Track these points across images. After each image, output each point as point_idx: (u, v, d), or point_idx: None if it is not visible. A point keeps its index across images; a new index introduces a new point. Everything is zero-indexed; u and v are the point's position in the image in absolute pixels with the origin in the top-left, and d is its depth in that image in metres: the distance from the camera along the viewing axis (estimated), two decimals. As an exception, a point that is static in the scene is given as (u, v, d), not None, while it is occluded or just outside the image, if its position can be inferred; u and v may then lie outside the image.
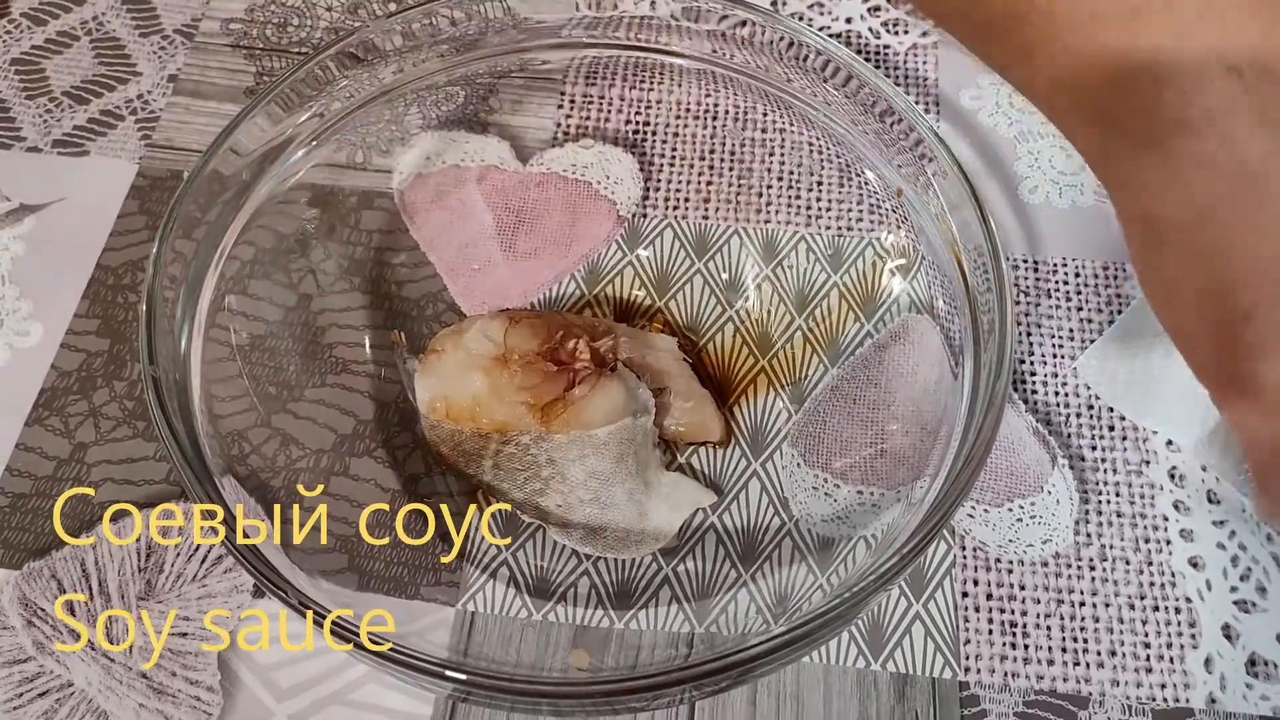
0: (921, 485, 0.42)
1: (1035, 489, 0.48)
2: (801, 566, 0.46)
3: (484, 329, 0.46)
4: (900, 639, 0.45)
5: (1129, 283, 0.54)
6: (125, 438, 0.50)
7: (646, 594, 0.46)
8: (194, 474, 0.38)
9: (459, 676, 0.34)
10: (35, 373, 0.51)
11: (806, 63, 0.48)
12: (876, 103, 0.46)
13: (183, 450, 0.39)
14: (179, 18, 0.63)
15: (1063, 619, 0.46)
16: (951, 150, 0.43)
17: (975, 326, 0.41)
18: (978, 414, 0.39)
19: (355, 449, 0.49)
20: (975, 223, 0.42)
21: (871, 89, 0.46)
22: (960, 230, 0.43)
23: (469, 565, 0.46)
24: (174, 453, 0.38)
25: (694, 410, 0.48)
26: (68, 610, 0.45)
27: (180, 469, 0.38)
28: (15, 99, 0.60)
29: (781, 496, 0.48)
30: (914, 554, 0.36)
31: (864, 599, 0.36)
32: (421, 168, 0.56)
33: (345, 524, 0.47)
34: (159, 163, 0.58)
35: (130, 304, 0.53)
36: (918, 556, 0.36)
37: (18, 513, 0.48)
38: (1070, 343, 0.53)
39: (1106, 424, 0.50)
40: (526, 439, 0.44)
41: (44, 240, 0.55)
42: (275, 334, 0.51)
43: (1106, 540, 0.48)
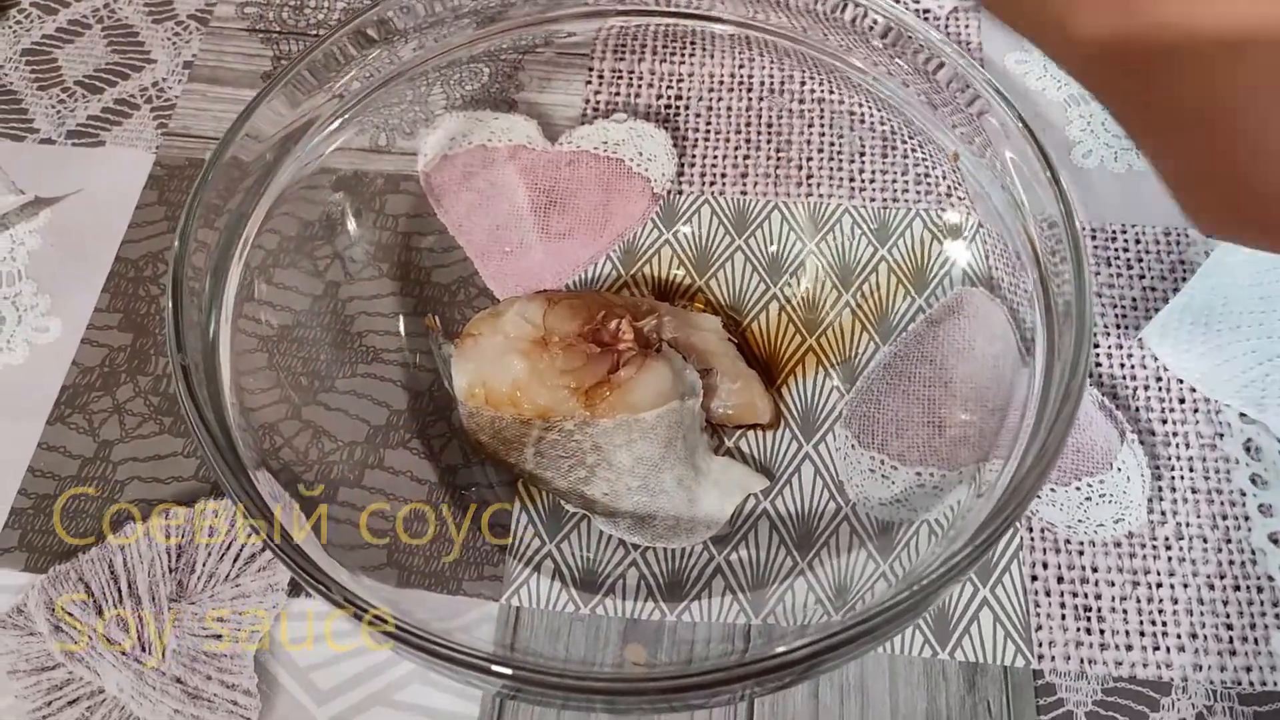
0: (991, 468, 0.40)
1: (1104, 466, 0.46)
2: (861, 553, 0.44)
3: (522, 311, 0.44)
4: (968, 626, 0.43)
5: (1192, 249, 0.52)
6: (152, 434, 0.48)
7: (699, 584, 0.44)
8: (229, 467, 0.36)
9: (506, 672, 0.32)
10: (56, 370, 0.49)
11: (849, 21, 0.46)
12: (929, 60, 0.44)
13: (216, 443, 0.37)
14: (193, 3, 0.61)
15: (1139, 601, 0.44)
16: (1015, 107, 0.41)
17: (1047, 298, 0.39)
18: (1054, 395, 0.36)
19: (390, 440, 0.47)
20: (1045, 187, 0.39)
21: (922, 44, 0.44)
22: (1028, 196, 0.40)
23: (512, 559, 0.44)
24: (207, 445, 0.36)
25: (741, 391, 0.46)
26: (95, 613, 0.44)
27: (214, 462, 0.36)
28: (27, 90, 0.58)
29: (836, 480, 0.46)
30: (988, 544, 0.34)
31: (935, 591, 0.33)
32: (447, 149, 0.54)
33: (382, 518, 0.45)
34: (176, 151, 0.56)
35: (152, 296, 0.51)
36: (992, 546, 0.34)
37: (42, 514, 0.46)
38: (1134, 312, 0.50)
39: (1176, 396, 0.48)
40: (570, 424, 0.42)
41: (61, 233, 0.53)
42: (304, 323, 0.49)
43: (1182, 518, 0.45)
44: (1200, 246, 0.51)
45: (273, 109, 0.44)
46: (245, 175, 0.44)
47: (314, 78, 0.46)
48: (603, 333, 0.43)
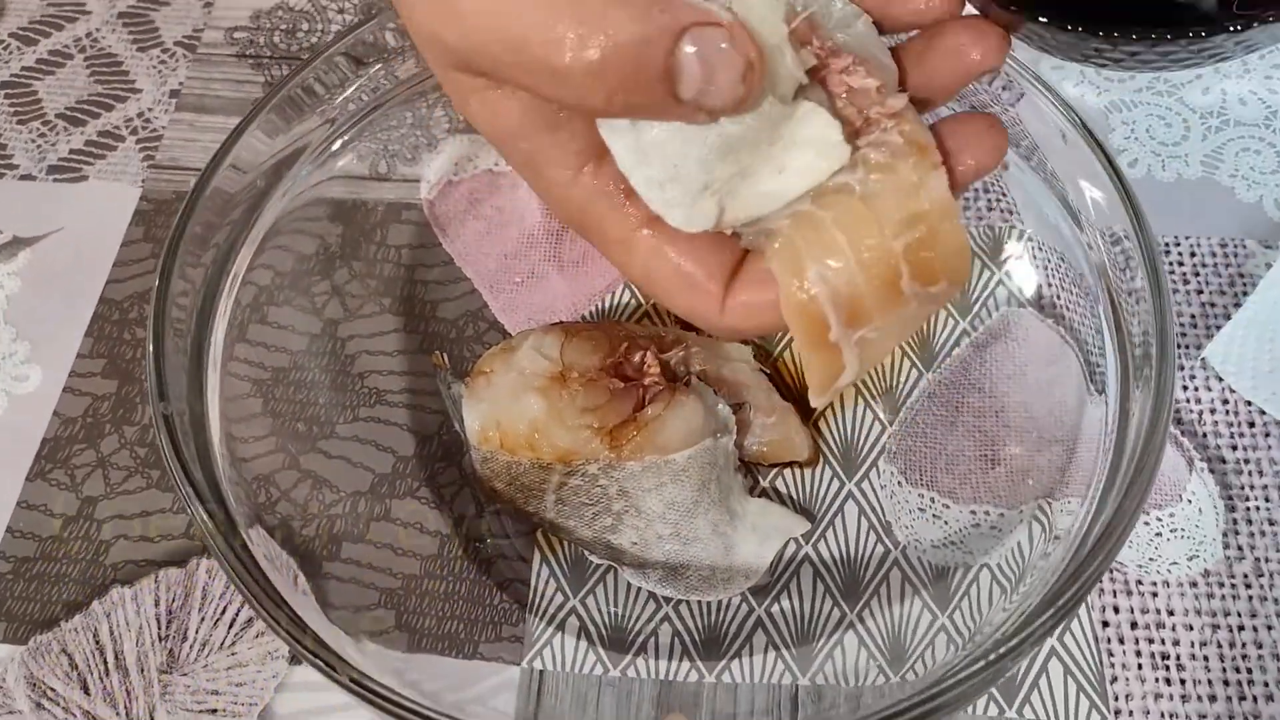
0: (1062, 509, 0.37)
1: (1173, 498, 0.42)
2: (915, 602, 0.40)
3: (537, 345, 0.40)
4: (1036, 680, 0.39)
5: (1250, 261, 0.48)
6: (138, 489, 0.44)
7: (738, 640, 0.40)
8: (217, 527, 0.33)
9: None
10: (36, 421, 0.46)
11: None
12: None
13: (203, 500, 0.33)
14: (179, 29, 0.58)
15: (1220, 646, 0.40)
16: (1075, 110, 0.37)
17: (1117, 317, 0.36)
18: (1136, 428, 0.33)
19: (396, 489, 0.43)
20: (1108, 195, 0.36)
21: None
22: (1090, 206, 0.37)
23: (533, 616, 0.41)
24: (193, 503, 0.33)
25: (777, 426, 0.42)
26: (80, 688, 0.40)
27: (201, 521, 0.33)
28: (6, 125, 0.55)
29: (884, 520, 0.42)
30: (1076, 601, 0.30)
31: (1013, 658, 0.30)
32: (452, 174, 0.51)
33: (389, 575, 0.41)
34: (164, 184, 0.52)
35: (138, 340, 0.48)
36: (1080, 603, 0.30)
37: (21, 580, 0.42)
38: (1194, 330, 0.47)
39: (1245, 420, 0.44)
40: (594, 468, 0.38)
41: (41, 275, 0.50)
42: (300, 365, 0.45)
43: (1260, 553, 0.42)
44: (1260, 258, 0.48)
45: (259, 136, 0.41)
46: (233, 207, 0.41)
47: (305, 101, 0.43)
48: (626, 366, 0.40)
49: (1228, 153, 0.51)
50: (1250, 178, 0.50)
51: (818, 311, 0.26)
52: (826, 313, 0.26)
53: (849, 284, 0.26)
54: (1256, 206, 0.50)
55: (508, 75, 0.25)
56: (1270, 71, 0.53)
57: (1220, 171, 0.51)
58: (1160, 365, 0.32)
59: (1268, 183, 0.50)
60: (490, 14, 0.23)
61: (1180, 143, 0.51)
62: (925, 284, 0.26)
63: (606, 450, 0.38)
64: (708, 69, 0.23)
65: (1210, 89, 0.53)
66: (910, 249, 0.26)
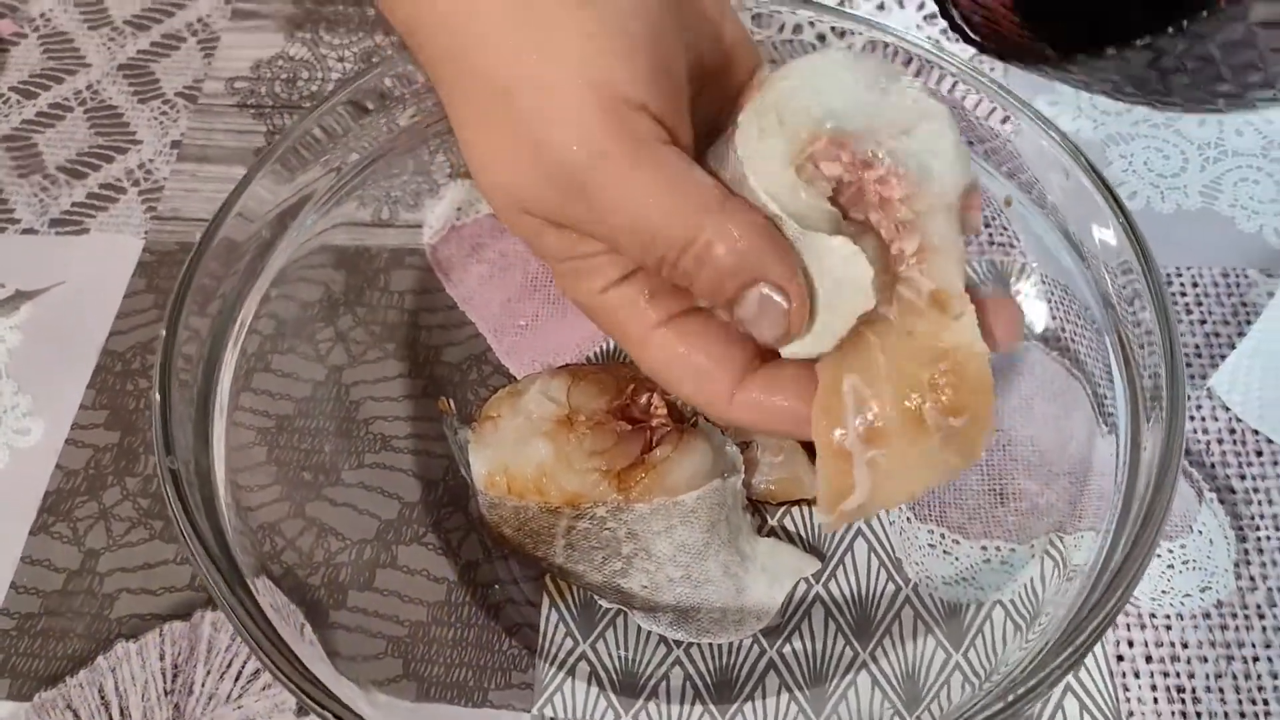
0: (1074, 544, 0.36)
1: (1183, 529, 0.42)
2: (929, 640, 0.39)
3: (544, 389, 0.40)
4: (1052, 716, 0.39)
5: (1253, 290, 0.48)
6: (141, 541, 0.44)
7: (751, 682, 0.39)
8: (222, 577, 0.32)
9: None
10: (39, 475, 0.46)
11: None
12: (966, 97, 0.41)
13: (208, 550, 0.33)
14: (180, 80, 0.58)
15: (1235, 678, 0.40)
16: (1076, 146, 0.37)
17: (1125, 350, 0.35)
18: (1148, 463, 0.33)
19: (402, 536, 0.43)
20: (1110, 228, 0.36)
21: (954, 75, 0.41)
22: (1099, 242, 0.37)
23: (542, 662, 0.40)
24: (199, 555, 0.33)
25: (784, 465, 0.42)
26: (85, 747, 0.39)
27: (207, 574, 0.32)
28: (7, 179, 0.55)
29: (894, 558, 0.42)
30: (1094, 638, 0.30)
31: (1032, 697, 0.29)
32: (454, 219, 0.51)
33: (396, 623, 0.41)
34: (166, 235, 0.53)
35: (141, 390, 0.48)
36: (1095, 643, 0.30)
37: (26, 636, 0.42)
38: (1198, 359, 0.47)
39: (1253, 449, 0.44)
40: (603, 511, 0.38)
41: (43, 328, 0.50)
42: (305, 412, 0.45)
43: (1274, 582, 0.41)
44: (1263, 287, 0.48)
45: (265, 186, 0.41)
46: (239, 257, 0.41)
47: (308, 151, 0.43)
48: (633, 408, 0.40)
49: (1226, 183, 0.51)
50: (1250, 207, 0.51)
51: (839, 413, 0.28)
52: (846, 419, 0.28)
53: (873, 399, 0.27)
54: (1257, 236, 0.50)
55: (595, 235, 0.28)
56: (1264, 102, 0.54)
57: (1220, 202, 0.51)
58: (1171, 399, 0.32)
59: (1267, 211, 0.51)
60: (630, 211, 0.26)
61: (1179, 174, 0.52)
62: (947, 415, 0.27)
63: (615, 493, 0.38)
64: (761, 309, 0.27)
65: (1206, 120, 0.53)
66: (934, 382, 0.27)
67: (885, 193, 0.28)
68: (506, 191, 0.28)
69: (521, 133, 0.26)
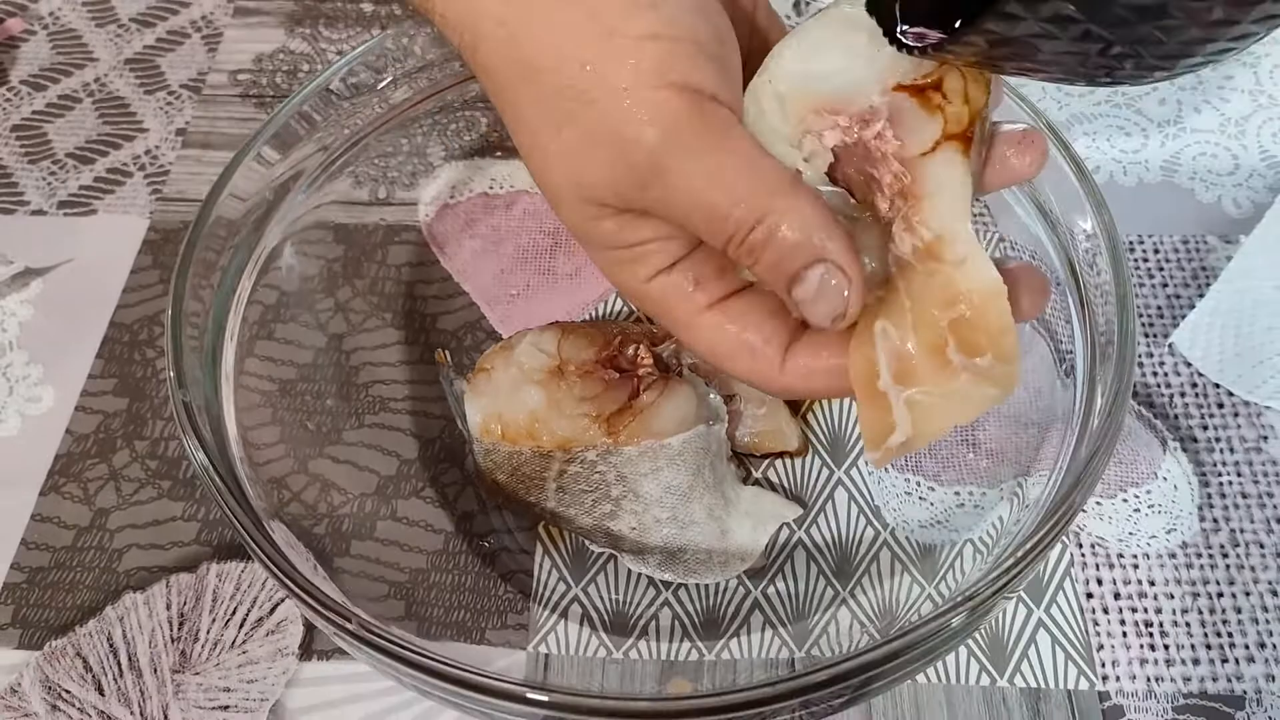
0: (1034, 483, 0.38)
1: (1149, 476, 0.44)
2: (904, 578, 0.41)
3: (535, 341, 0.42)
4: (1025, 650, 0.40)
5: (1211, 255, 0.51)
6: (149, 499, 0.46)
7: (736, 621, 0.41)
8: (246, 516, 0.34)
9: (543, 698, 0.30)
10: (49, 439, 0.47)
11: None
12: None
13: (234, 496, 0.35)
14: (185, 73, 0.61)
15: (1201, 613, 0.41)
16: (1039, 111, 0.40)
17: (1086, 310, 0.38)
18: (1100, 406, 0.35)
19: (401, 490, 0.45)
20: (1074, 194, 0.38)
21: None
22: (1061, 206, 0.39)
23: (536, 605, 0.42)
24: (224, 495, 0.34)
25: (767, 418, 0.44)
26: (95, 689, 0.41)
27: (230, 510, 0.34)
28: (17, 164, 0.57)
29: (872, 505, 0.44)
30: (1035, 555, 0.31)
31: (983, 604, 0.31)
32: (448, 197, 0.53)
33: (398, 570, 0.42)
34: (172, 215, 0.55)
35: (148, 360, 0.50)
36: (1039, 558, 0.32)
37: (36, 588, 0.44)
38: (1160, 320, 0.49)
39: (1214, 401, 0.46)
40: (593, 454, 0.40)
41: (52, 302, 0.52)
42: (307, 377, 0.47)
43: (1235, 524, 0.43)
44: (1221, 252, 0.50)
45: (257, 163, 0.43)
46: (233, 233, 0.43)
47: (296, 131, 0.45)
48: (620, 359, 0.41)
49: (1185, 157, 0.54)
50: (1208, 180, 0.53)
51: (872, 358, 0.29)
52: (879, 361, 0.29)
53: (900, 341, 0.29)
54: (1215, 206, 0.52)
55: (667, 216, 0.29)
56: (1223, 82, 0.56)
57: (1179, 175, 0.53)
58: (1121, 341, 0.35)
59: (1225, 184, 0.53)
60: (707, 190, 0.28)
61: (1140, 150, 0.54)
62: (969, 355, 0.28)
63: (604, 436, 0.40)
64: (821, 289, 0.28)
65: (1166, 100, 0.56)
66: (955, 324, 0.28)
67: (882, 146, 0.29)
68: (578, 184, 0.29)
69: (600, 130, 0.28)
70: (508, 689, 0.29)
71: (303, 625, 0.42)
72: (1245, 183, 0.53)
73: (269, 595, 0.43)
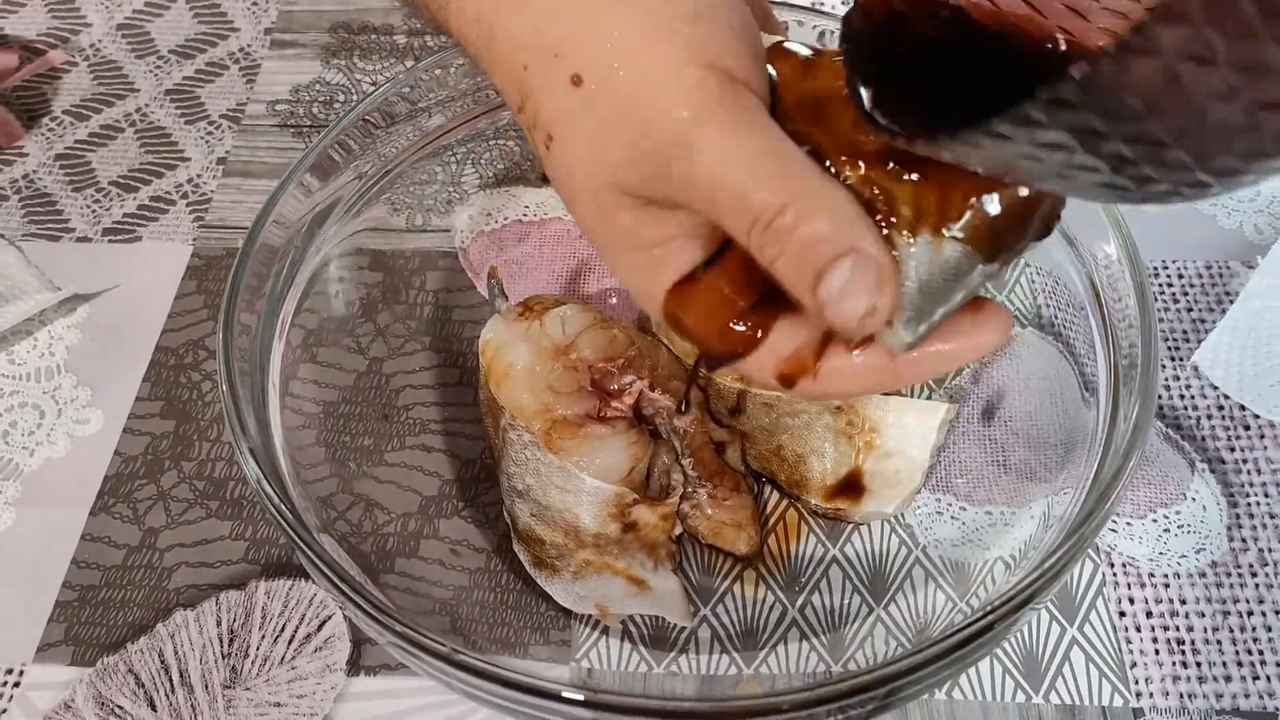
0: (1060, 502, 0.39)
1: (1177, 497, 0.45)
2: (937, 592, 0.42)
3: (565, 316, 0.43)
4: (1059, 667, 0.41)
5: (1235, 280, 0.52)
6: (198, 519, 0.47)
7: (774, 635, 0.42)
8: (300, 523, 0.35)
9: (579, 697, 0.31)
10: (98, 461, 0.49)
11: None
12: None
13: (294, 512, 0.36)
14: (224, 103, 0.62)
15: (1232, 631, 0.42)
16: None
17: (1109, 332, 0.39)
18: (1122, 426, 0.36)
19: (444, 509, 0.46)
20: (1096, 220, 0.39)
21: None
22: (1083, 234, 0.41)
23: (578, 623, 0.43)
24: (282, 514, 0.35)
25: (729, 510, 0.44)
26: (147, 705, 0.42)
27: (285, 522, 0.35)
28: (61, 193, 0.58)
29: (905, 523, 0.45)
30: (1059, 568, 0.33)
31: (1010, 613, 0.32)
32: (483, 225, 0.54)
33: (441, 587, 0.43)
34: (214, 242, 0.56)
35: (194, 383, 0.51)
36: (1063, 572, 0.33)
37: (87, 606, 0.45)
38: (1185, 344, 0.50)
39: (1241, 423, 0.47)
40: (527, 437, 0.41)
41: (99, 327, 0.53)
42: (349, 399, 0.48)
43: (1264, 544, 0.44)
44: (1243, 277, 0.51)
45: (299, 191, 0.44)
46: (276, 260, 0.44)
47: (333, 161, 0.46)
48: (609, 380, 0.42)
49: (1206, 183, 0.55)
50: (1229, 205, 0.54)
51: None
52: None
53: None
54: (1237, 231, 0.53)
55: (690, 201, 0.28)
56: (1240, 110, 0.57)
57: (1202, 201, 0.54)
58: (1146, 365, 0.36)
59: (1245, 210, 0.54)
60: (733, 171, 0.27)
61: (1162, 176, 0.55)
62: None
63: (540, 435, 0.41)
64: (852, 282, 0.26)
65: (1186, 128, 0.57)
66: None
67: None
68: (600, 164, 0.28)
69: (628, 107, 0.27)
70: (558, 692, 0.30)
71: (350, 642, 0.43)
72: (1266, 209, 0.54)
73: (316, 612, 0.44)
